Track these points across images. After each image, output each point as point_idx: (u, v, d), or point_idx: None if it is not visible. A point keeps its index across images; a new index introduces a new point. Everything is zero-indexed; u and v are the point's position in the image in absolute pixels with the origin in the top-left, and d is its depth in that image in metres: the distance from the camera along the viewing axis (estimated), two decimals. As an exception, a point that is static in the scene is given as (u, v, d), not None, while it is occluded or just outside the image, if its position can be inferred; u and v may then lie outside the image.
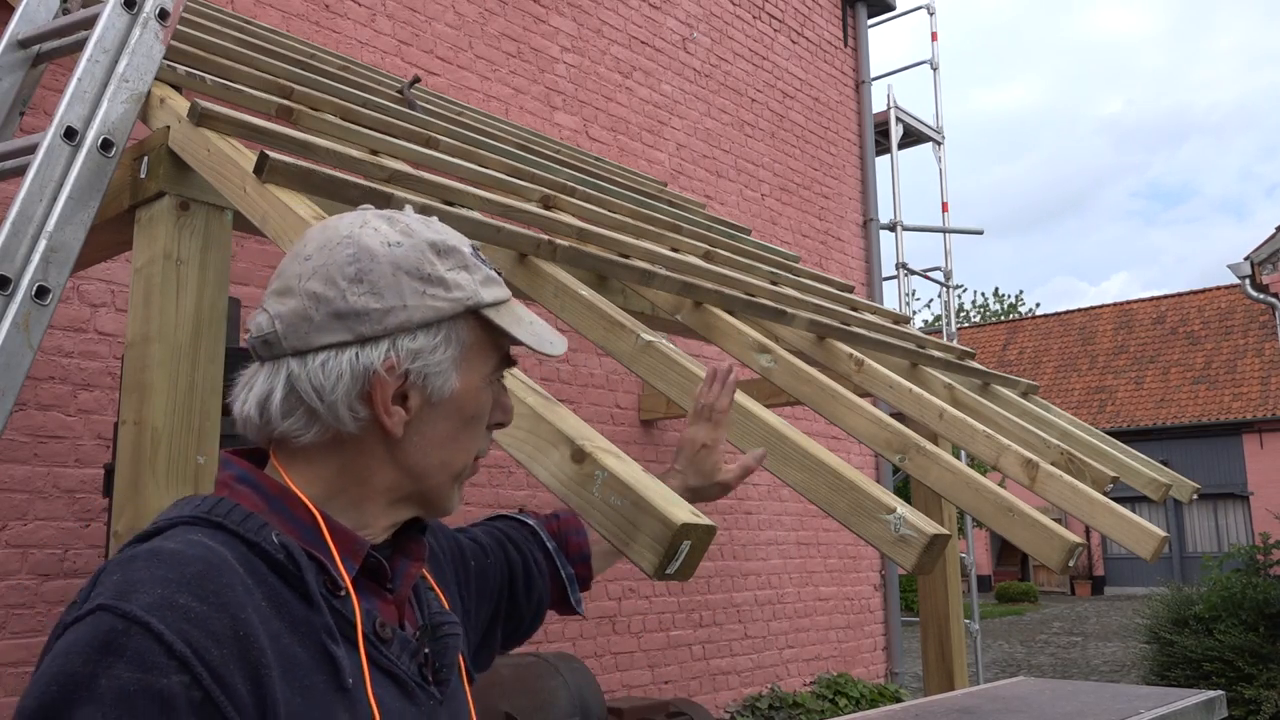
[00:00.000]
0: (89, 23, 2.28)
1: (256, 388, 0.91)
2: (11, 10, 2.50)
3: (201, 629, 0.75)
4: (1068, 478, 2.85)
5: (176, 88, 2.52)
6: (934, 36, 9.18)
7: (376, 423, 0.90)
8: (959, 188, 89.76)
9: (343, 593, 0.88)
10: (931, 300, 35.73)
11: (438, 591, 1.06)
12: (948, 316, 9.17)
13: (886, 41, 14.67)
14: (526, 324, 0.97)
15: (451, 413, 0.94)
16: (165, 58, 2.41)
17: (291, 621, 0.83)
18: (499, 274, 0.99)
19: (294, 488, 0.90)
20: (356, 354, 0.89)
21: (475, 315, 0.94)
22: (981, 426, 3.06)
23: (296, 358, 0.90)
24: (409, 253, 0.91)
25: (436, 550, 1.15)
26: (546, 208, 3.22)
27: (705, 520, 1.31)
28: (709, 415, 1.40)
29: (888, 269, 8.26)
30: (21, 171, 2.13)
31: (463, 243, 0.96)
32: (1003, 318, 37.74)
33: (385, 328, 0.89)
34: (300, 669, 0.81)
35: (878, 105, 8.48)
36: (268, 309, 0.92)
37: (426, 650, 0.95)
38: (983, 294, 46.08)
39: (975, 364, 4.49)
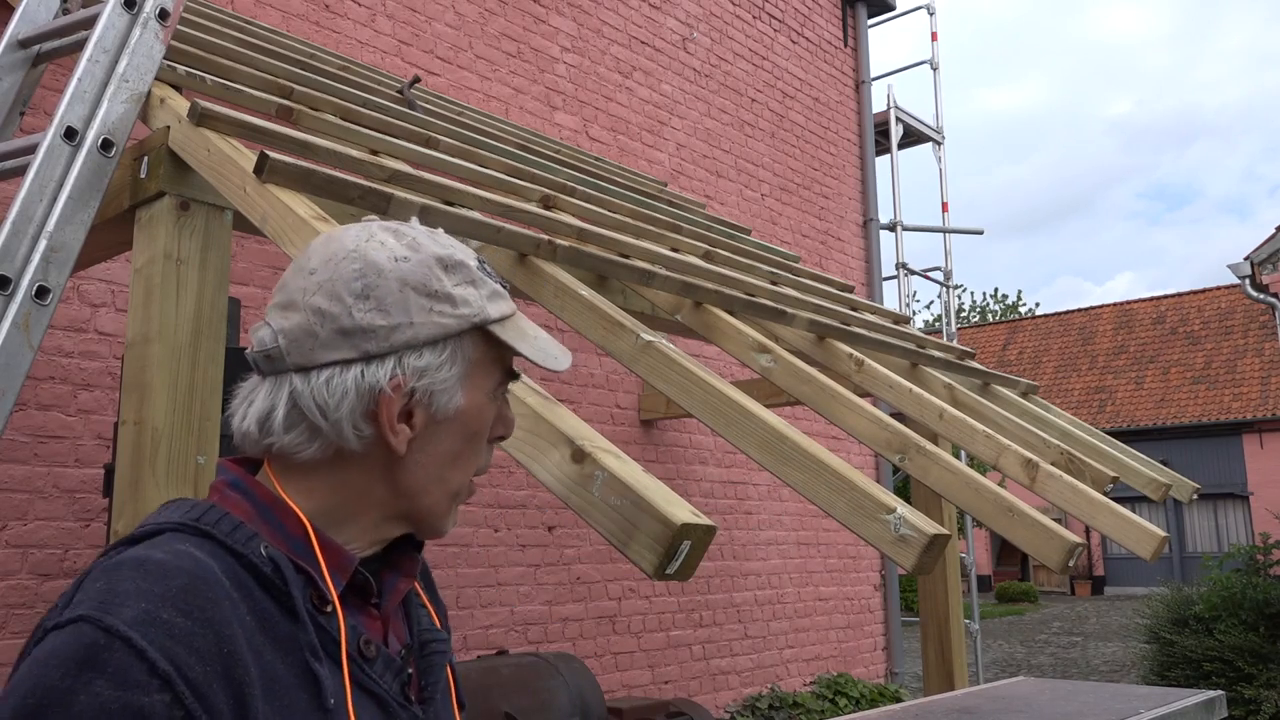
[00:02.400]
0: (89, 23, 2.28)
1: (258, 403, 0.90)
2: (11, 10, 2.50)
3: (185, 646, 0.73)
4: (1068, 478, 2.85)
5: (176, 88, 2.52)
6: (934, 36, 9.19)
7: (380, 440, 0.89)
8: (966, 188, 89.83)
9: (329, 609, 0.86)
10: (932, 301, 35.75)
11: (429, 609, 1.03)
12: (947, 317, 9.17)
13: (886, 41, 14.67)
14: (531, 338, 0.94)
15: (455, 430, 0.92)
16: (165, 58, 2.41)
17: (275, 638, 0.81)
18: (506, 286, 0.97)
19: (286, 498, 0.89)
20: (362, 371, 0.87)
21: (481, 331, 0.92)
22: (981, 426, 3.06)
23: (300, 374, 0.88)
24: (416, 268, 0.90)
25: (439, 595, 1.13)
26: (546, 208, 3.22)
27: (705, 520, 1.31)
28: None
29: (888, 269, 8.26)
30: (21, 171, 2.13)
31: (469, 256, 0.95)
32: (1001, 319, 37.74)
33: (392, 345, 0.88)
34: (282, 687, 0.79)
35: (878, 105, 8.48)
36: (270, 323, 0.90)
37: (410, 671, 0.93)
38: (983, 293, 46.12)
39: (975, 364, 4.49)
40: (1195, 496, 4.12)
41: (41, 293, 2.04)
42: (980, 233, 9.27)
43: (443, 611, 1.08)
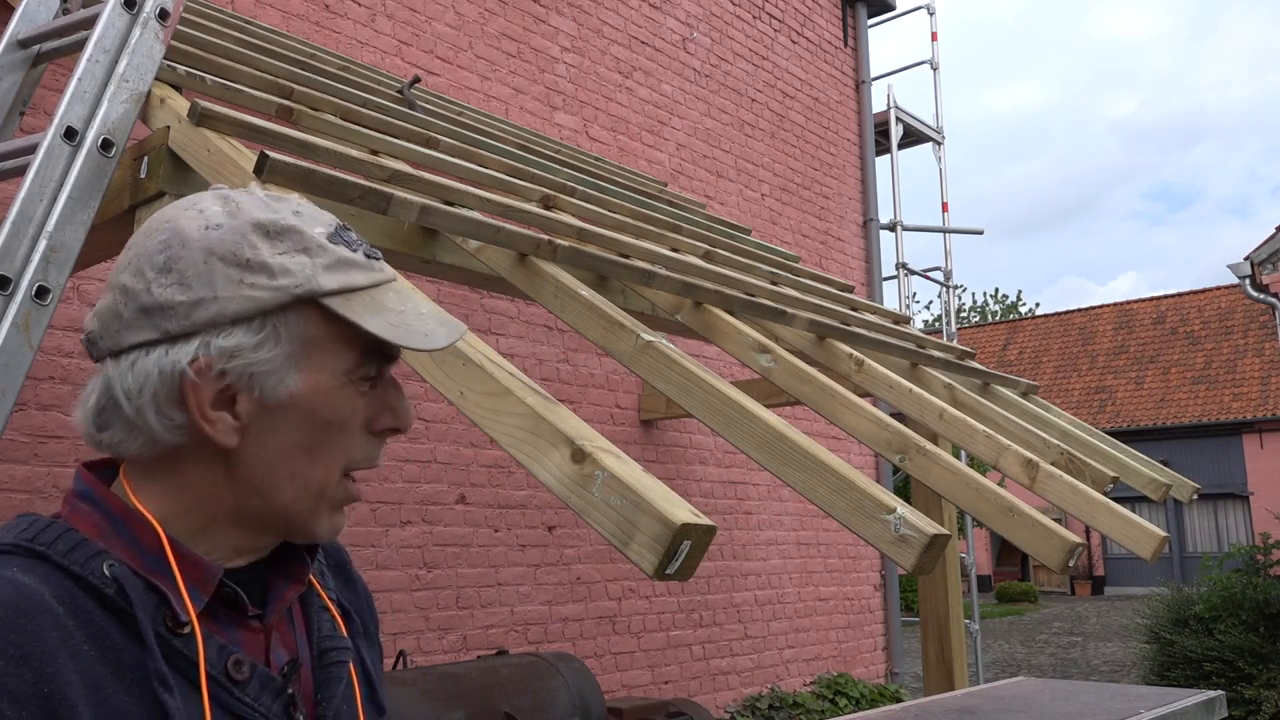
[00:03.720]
0: (89, 23, 2.28)
1: (87, 394, 0.82)
2: (11, 10, 2.50)
3: None
4: (1068, 478, 2.85)
5: (176, 88, 2.52)
6: (934, 36, 9.19)
7: (203, 433, 0.79)
8: (971, 187, 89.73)
9: (186, 629, 0.77)
10: (932, 301, 35.81)
11: (333, 612, 0.93)
12: (948, 317, 9.18)
13: (886, 42, 14.69)
14: (394, 312, 0.82)
15: (298, 419, 0.81)
16: (165, 58, 2.41)
17: (119, 668, 0.73)
18: (372, 254, 0.85)
19: (139, 507, 0.80)
20: (165, 352, 0.78)
21: (315, 305, 0.80)
22: (981, 426, 3.06)
23: (112, 360, 0.80)
24: (227, 235, 0.79)
25: (362, 590, 1.02)
26: (546, 208, 3.22)
27: (705, 520, 1.31)
28: None
29: (888, 269, 8.26)
30: (21, 171, 2.13)
31: (312, 222, 0.83)
32: (1001, 319, 37.76)
33: (194, 323, 0.78)
34: None
35: (878, 105, 8.48)
36: (95, 305, 0.83)
37: (290, 691, 0.83)
38: (984, 293, 46.17)
39: (975, 364, 4.49)
40: (1195, 496, 4.13)
41: (41, 293, 2.04)
42: (980, 233, 9.28)
43: (361, 603, 1.00)
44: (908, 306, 8.59)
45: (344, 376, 0.82)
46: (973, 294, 47.00)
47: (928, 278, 8.95)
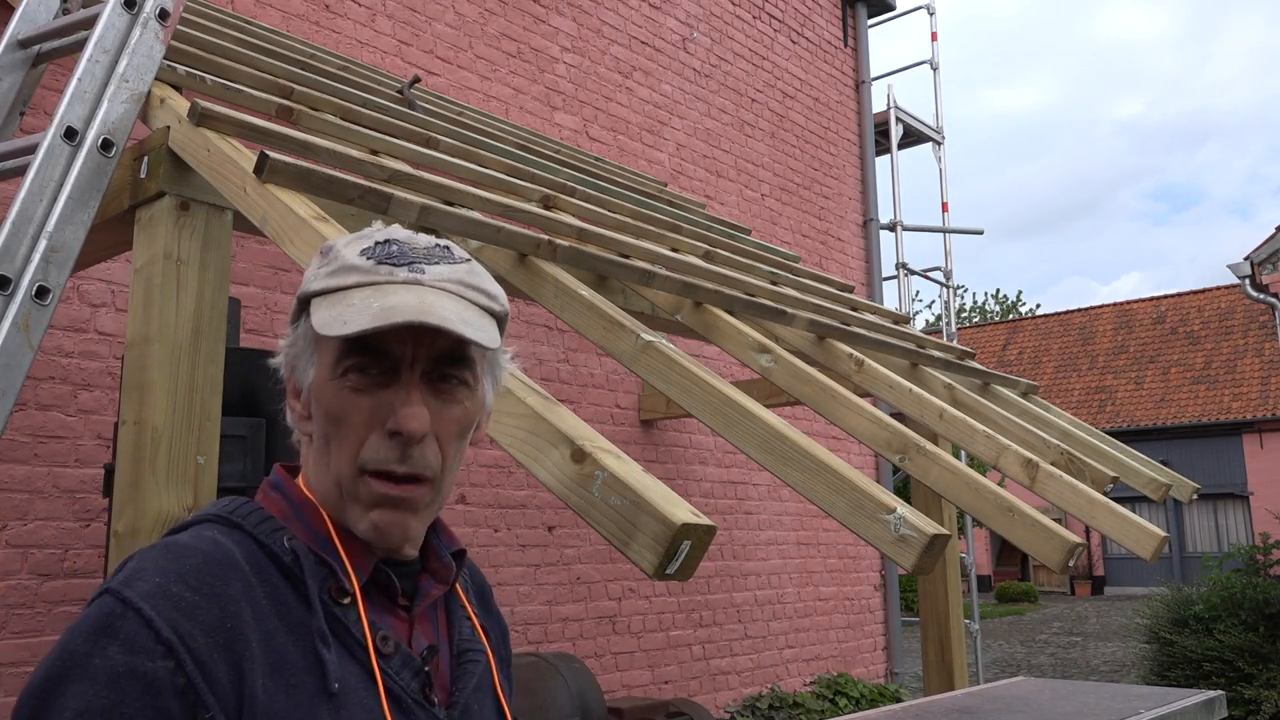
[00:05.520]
0: (89, 23, 2.28)
1: None
2: (11, 10, 2.50)
3: (190, 618, 0.79)
4: (1068, 478, 2.85)
5: (176, 88, 2.52)
6: (934, 36, 9.18)
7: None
8: (975, 188, 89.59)
9: (348, 600, 0.89)
10: (933, 301, 35.82)
11: (474, 621, 1.03)
12: (948, 317, 9.18)
13: (886, 42, 14.71)
14: (349, 306, 0.88)
15: (316, 409, 0.92)
16: (165, 58, 2.41)
17: (289, 622, 0.85)
18: (400, 261, 0.91)
19: (312, 497, 0.93)
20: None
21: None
22: (981, 426, 3.06)
23: None
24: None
25: (498, 621, 1.12)
26: (546, 208, 3.22)
27: (705, 520, 1.31)
28: None
29: (888, 269, 8.26)
30: (21, 171, 2.13)
31: (361, 240, 0.93)
32: (1000, 319, 37.74)
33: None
34: (289, 668, 0.83)
35: (878, 105, 8.48)
36: None
37: (427, 669, 0.92)
38: (984, 293, 46.19)
39: (975, 364, 4.49)
40: (1195, 496, 4.12)
41: (41, 293, 2.04)
42: (980, 233, 9.27)
43: (497, 635, 1.08)
44: (910, 306, 8.59)
45: (330, 370, 0.90)
46: (972, 294, 47.04)
47: (928, 278, 8.95)
